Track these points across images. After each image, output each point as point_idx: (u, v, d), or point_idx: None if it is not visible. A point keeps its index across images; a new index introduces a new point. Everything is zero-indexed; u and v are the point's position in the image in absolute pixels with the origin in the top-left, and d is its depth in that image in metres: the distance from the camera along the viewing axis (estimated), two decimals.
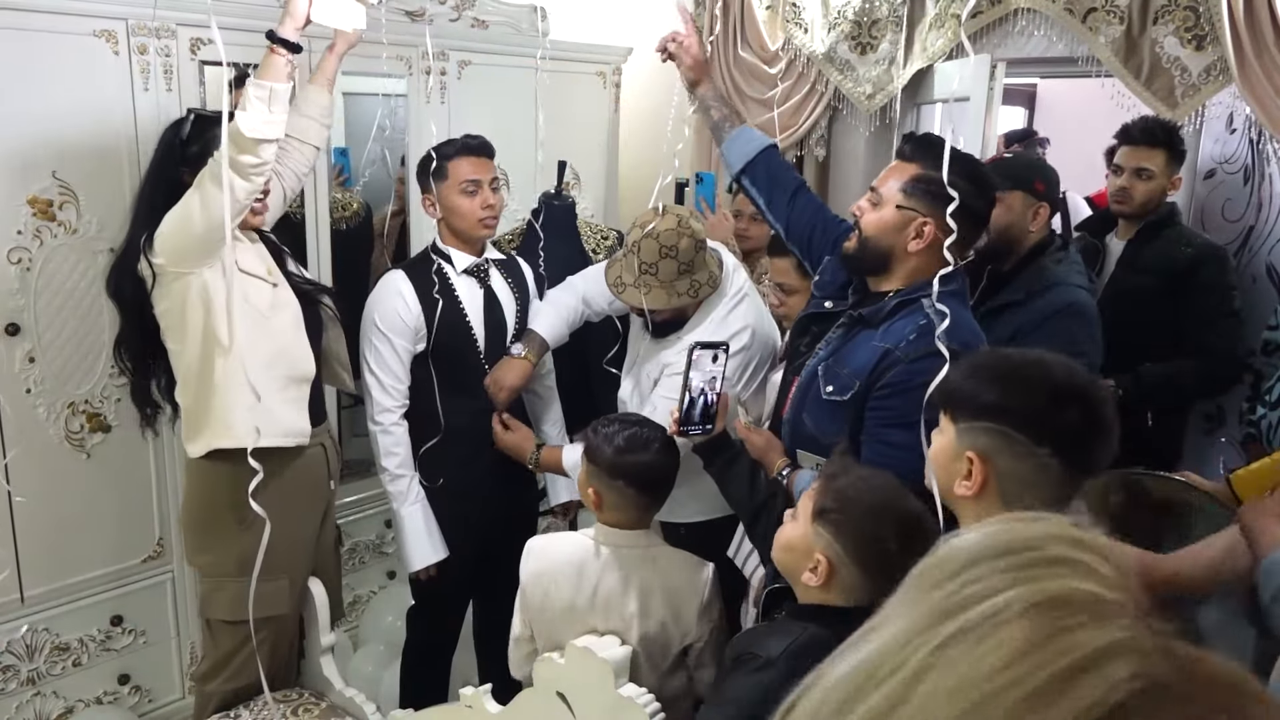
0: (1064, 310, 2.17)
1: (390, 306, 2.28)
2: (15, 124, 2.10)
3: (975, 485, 1.24)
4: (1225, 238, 2.84)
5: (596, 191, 3.42)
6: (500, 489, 2.40)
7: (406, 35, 2.72)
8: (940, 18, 2.91)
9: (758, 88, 3.43)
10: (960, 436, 1.27)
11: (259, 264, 1.99)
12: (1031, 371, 1.26)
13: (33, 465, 2.24)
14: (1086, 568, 0.48)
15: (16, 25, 2.07)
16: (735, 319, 2.14)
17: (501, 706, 1.71)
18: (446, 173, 2.27)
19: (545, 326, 2.40)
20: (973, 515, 1.28)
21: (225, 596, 2.01)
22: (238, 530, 1.97)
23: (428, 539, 2.34)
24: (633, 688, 1.53)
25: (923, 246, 1.67)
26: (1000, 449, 1.22)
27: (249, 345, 1.90)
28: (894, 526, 1.32)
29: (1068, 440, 1.21)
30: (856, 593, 1.34)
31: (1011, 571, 0.48)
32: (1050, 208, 2.26)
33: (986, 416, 1.24)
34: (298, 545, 2.09)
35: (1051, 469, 1.21)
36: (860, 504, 1.35)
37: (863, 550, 1.33)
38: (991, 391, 1.25)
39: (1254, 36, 2.32)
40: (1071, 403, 1.21)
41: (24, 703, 2.36)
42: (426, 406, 2.33)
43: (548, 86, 2.97)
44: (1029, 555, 0.48)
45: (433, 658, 2.55)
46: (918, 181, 1.67)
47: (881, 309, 1.70)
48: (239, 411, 1.91)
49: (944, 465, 1.30)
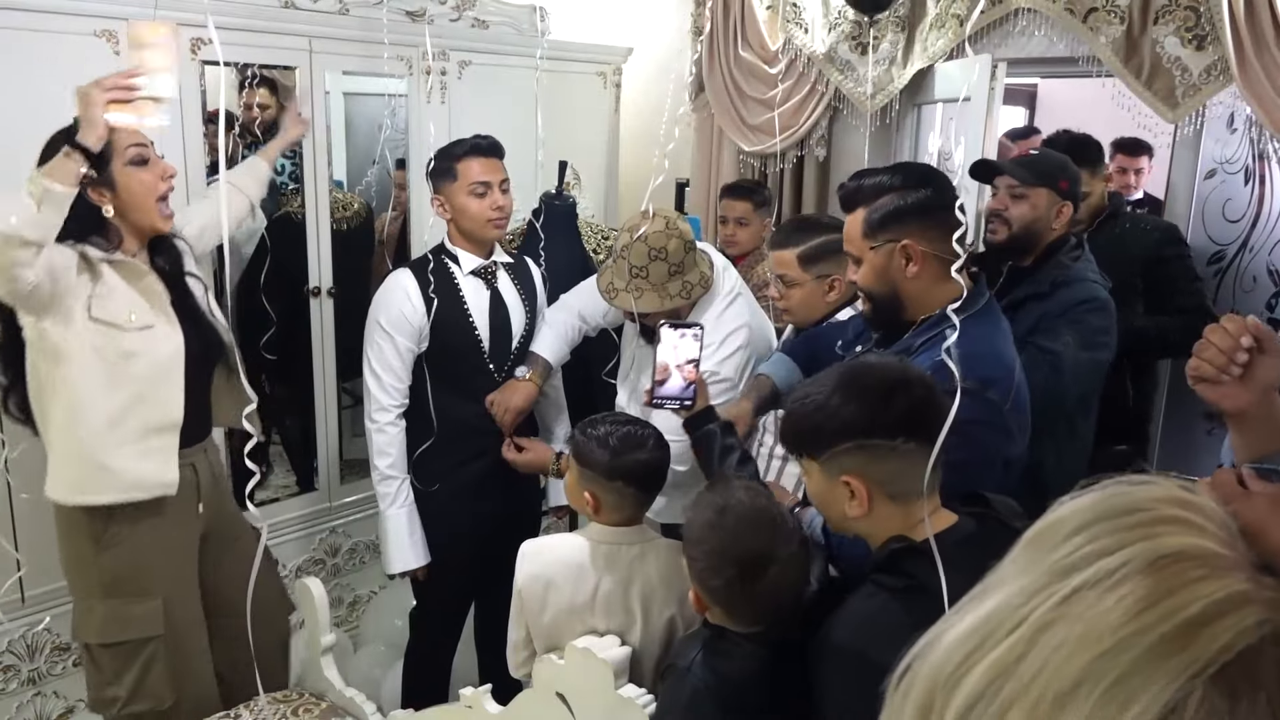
0: (1088, 302, 2.18)
1: (395, 305, 2.28)
2: (15, 124, 2.10)
3: (863, 501, 1.28)
4: (1225, 238, 2.84)
5: (597, 191, 3.42)
6: (502, 489, 2.40)
7: (407, 35, 2.72)
8: (941, 18, 2.91)
9: (758, 88, 3.43)
10: (827, 468, 1.32)
11: (119, 307, 1.82)
12: (850, 383, 1.31)
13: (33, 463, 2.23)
14: (1199, 526, 0.50)
15: (16, 25, 2.07)
16: (731, 317, 2.15)
17: (501, 707, 1.70)
18: (456, 173, 2.27)
19: (546, 348, 2.42)
20: (869, 526, 1.33)
21: (94, 619, 1.93)
22: (95, 553, 1.90)
23: (409, 543, 2.34)
24: (633, 688, 1.53)
25: (919, 268, 1.61)
26: (866, 460, 1.28)
27: (87, 402, 1.79)
28: (734, 570, 1.38)
29: (914, 423, 1.26)
30: (727, 620, 1.43)
31: (1130, 530, 0.50)
32: (1073, 206, 2.28)
33: (838, 440, 1.29)
34: (171, 565, 1.98)
35: (918, 453, 1.26)
36: (704, 547, 1.42)
37: (709, 594, 1.42)
38: (830, 418, 1.30)
39: (1254, 36, 2.32)
40: (898, 390, 1.28)
41: (25, 703, 2.36)
42: (428, 407, 2.32)
43: (548, 86, 2.97)
44: (1144, 515, 0.51)
45: (435, 658, 2.55)
46: (870, 215, 1.64)
47: (908, 345, 1.64)
48: (72, 465, 1.83)
49: (827, 501, 1.35)
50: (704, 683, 1.37)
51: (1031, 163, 2.31)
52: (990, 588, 0.54)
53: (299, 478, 3.09)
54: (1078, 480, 0.57)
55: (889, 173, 1.67)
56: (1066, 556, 0.50)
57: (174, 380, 1.90)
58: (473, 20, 2.96)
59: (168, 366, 1.89)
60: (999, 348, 1.61)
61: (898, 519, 1.29)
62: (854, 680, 1.22)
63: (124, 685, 1.94)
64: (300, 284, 2.73)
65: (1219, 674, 0.43)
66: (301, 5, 2.55)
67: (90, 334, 1.79)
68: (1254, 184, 2.82)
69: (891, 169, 1.69)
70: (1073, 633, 0.47)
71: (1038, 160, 2.33)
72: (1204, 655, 0.44)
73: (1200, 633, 0.44)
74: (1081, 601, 0.48)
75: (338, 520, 2.95)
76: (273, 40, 2.51)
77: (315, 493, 2.92)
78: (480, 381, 2.36)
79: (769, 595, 1.39)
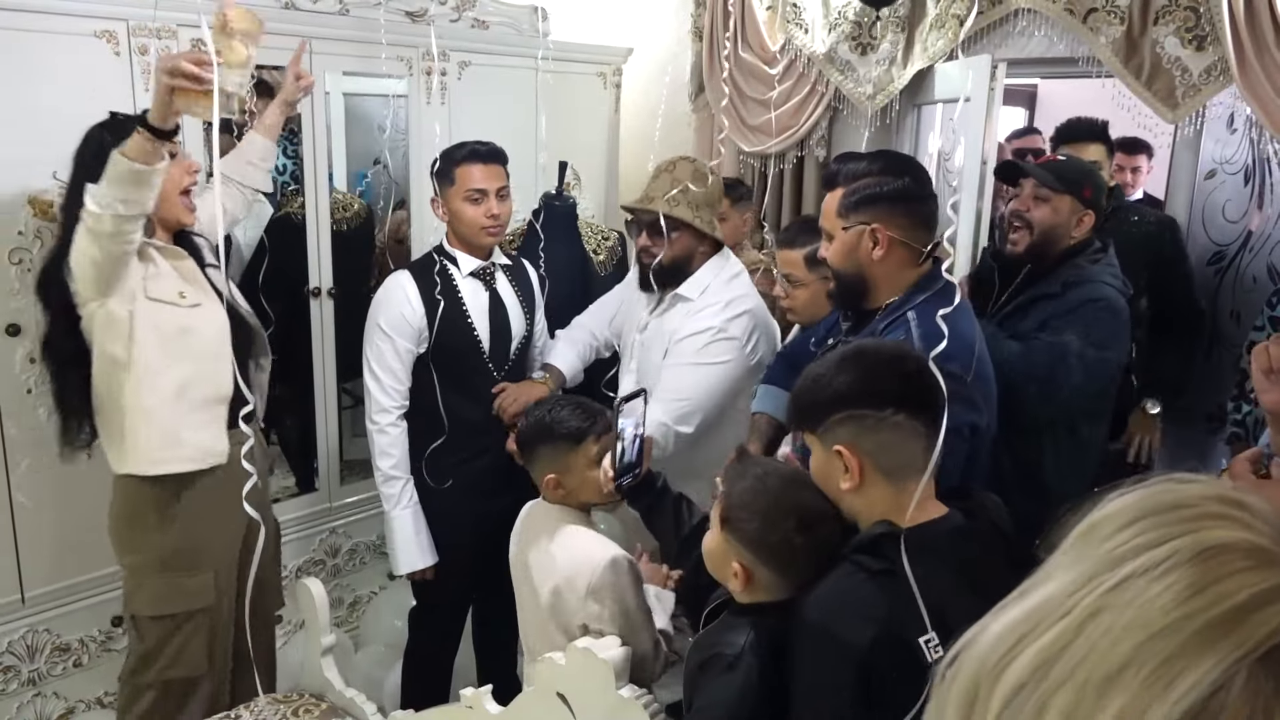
0: (1095, 302, 2.16)
1: (394, 307, 2.28)
2: (15, 124, 2.10)
3: (855, 473, 1.31)
4: (1225, 238, 2.84)
5: (597, 192, 3.42)
6: (501, 490, 2.40)
7: (407, 35, 2.72)
8: (940, 18, 2.90)
9: (758, 88, 3.43)
10: (823, 440, 1.35)
11: (170, 287, 1.96)
12: (849, 358, 1.37)
13: (33, 466, 2.24)
14: (1244, 522, 0.51)
15: (16, 25, 2.07)
16: (738, 285, 2.28)
17: (501, 707, 1.70)
18: (454, 178, 2.27)
19: (561, 360, 2.51)
20: (862, 503, 1.34)
21: (147, 593, 2.04)
22: (158, 527, 2.01)
23: (416, 544, 2.35)
24: (633, 688, 1.52)
25: (884, 253, 1.71)
26: (859, 431, 1.31)
27: (156, 373, 1.91)
28: (792, 521, 1.36)
29: (904, 395, 1.31)
30: (777, 589, 1.39)
31: (1177, 524, 0.51)
32: (1095, 215, 2.27)
33: (833, 410, 1.33)
34: (221, 540, 2.09)
35: (908, 426, 1.30)
36: (755, 508, 1.39)
37: (767, 553, 1.37)
38: (824, 390, 1.34)
39: (1254, 36, 2.32)
40: (891, 363, 1.34)
41: (25, 703, 2.36)
42: (429, 408, 2.33)
43: (548, 87, 2.97)
44: (1190, 510, 0.52)
45: (435, 658, 2.55)
46: (846, 197, 1.74)
47: (873, 329, 1.73)
48: (145, 438, 1.94)
49: (824, 475, 1.37)
50: (757, 671, 1.34)
51: (1057, 168, 2.30)
52: (1039, 581, 0.54)
53: (299, 478, 3.09)
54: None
55: (871, 158, 1.78)
56: (1116, 548, 0.52)
57: (224, 355, 2.01)
58: (473, 20, 2.96)
59: (218, 342, 2.01)
60: (957, 324, 1.66)
61: (889, 498, 1.31)
62: (822, 656, 1.25)
63: (165, 654, 2.05)
64: (300, 284, 2.73)
65: (1265, 657, 0.44)
66: (301, 5, 2.55)
67: (149, 312, 1.90)
68: (1254, 184, 2.81)
69: (874, 155, 1.77)
70: (1120, 619, 0.48)
71: (1064, 166, 2.32)
72: (1252, 639, 0.45)
73: (1248, 618, 0.46)
74: (1130, 589, 0.49)
75: (338, 521, 2.95)
76: (273, 40, 2.49)
77: (315, 493, 2.92)
78: (480, 381, 2.36)
79: (822, 548, 1.38)
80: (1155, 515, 0.52)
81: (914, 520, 1.29)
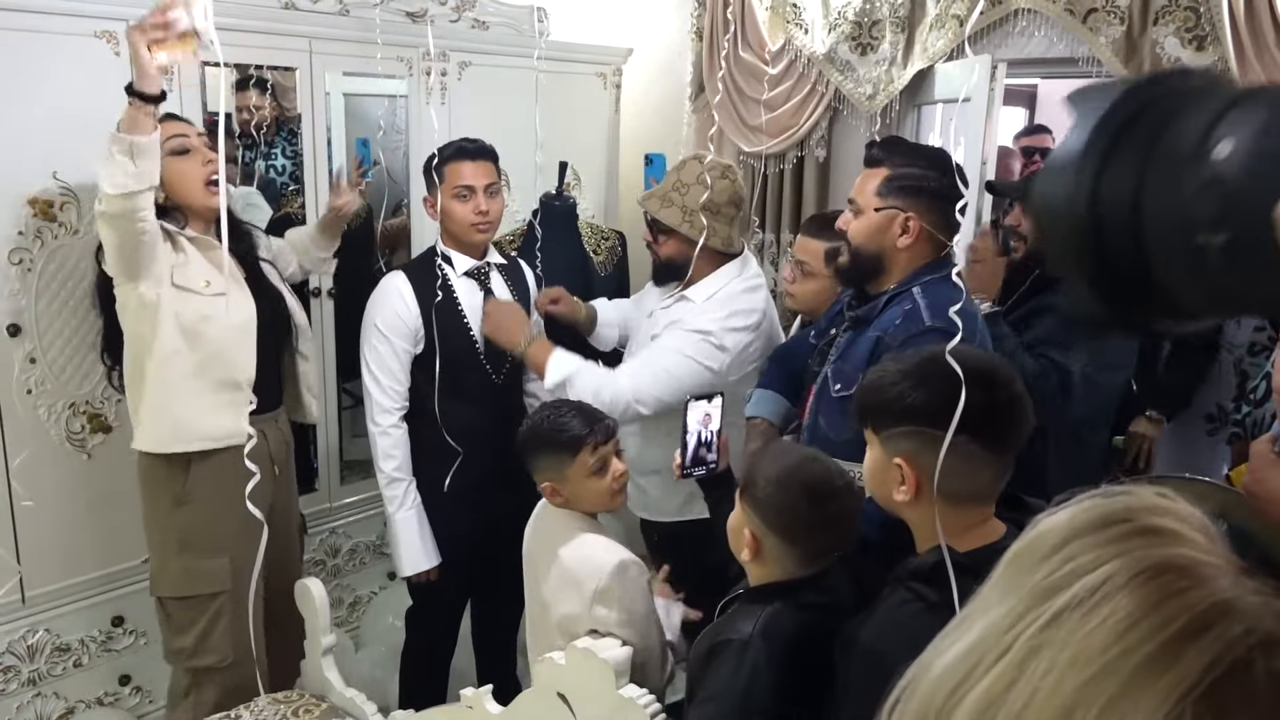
0: None
1: (390, 307, 2.28)
2: (16, 124, 2.10)
3: (911, 489, 1.28)
4: None
5: (597, 192, 3.42)
6: (498, 491, 2.40)
7: (406, 35, 2.72)
8: (940, 18, 2.90)
9: (758, 88, 3.43)
10: (884, 446, 1.31)
11: (197, 275, 2.02)
12: (930, 368, 1.27)
13: (34, 466, 2.23)
14: (1179, 535, 0.49)
15: (16, 25, 2.07)
16: (750, 299, 2.23)
17: (502, 707, 1.70)
18: (443, 176, 2.27)
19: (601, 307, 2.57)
20: (917, 517, 1.31)
21: (168, 574, 2.11)
22: (174, 510, 2.09)
23: (420, 545, 2.34)
24: (633, 688, 1.52)
25: (911, 241, 1.74)
26: (922, 448, 1.25)
27: (173, 354, 2.00)
28: (800, 489, 1.39)
29: (979, 423, 1.22)
30: (784, 561, 1.41)
31: (1109, 545, 0.49)
32: None
33: (902, 421, 1.28)
34: (235, 525, 2.07)
35: (974, 454, 1.24)
36: (768, 475, 1.42)
37: (775, 518, 1.40)
38: (899, 396, 1.29)
39: (1254, 37, 2.32)
40: (974, 387, 1.20)
41: (25, 703, 2.35)
42: (425, 409, 2.32)
43: (548, 87, 2.97)
44: (1122, 528, 0.50)
45: (432, 658, 2.55)
46: (890, 180, 1.75)
47: (876, 306, 1.77)
48: (160, 417, 2.03)
49: (878, 477, 1.34)
50: (765, 655, 1.33)
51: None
52: (975, 612, 0.53)
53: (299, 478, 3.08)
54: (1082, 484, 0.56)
55: (918, 150, 1.80)
56: (1047, 577, 0.50)
57: (246, 344, 2.08)
58: (472, 21, 2.96)
59: (241, 330, 2.08)
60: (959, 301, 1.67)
61: (945, 516, 1.25)
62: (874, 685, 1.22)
63: (191, 637, 2.13)
64: (300, 284, 2.73)
65: (1207, 693, 0.43)
66: (301, 6, 2.55)
67: (173, 298, 1.98)
68: None
69: (921, 147, 1.77)
70: (1060, 658, 0.46)
71: None
72: (1191, 673, 0.43)
73: (1186, 650, 0.44)
74: (1066, 624, 0.47)
75: (338, 521, 2.95)
76: (273, 41, 2.51)
77: (315, 493, 2.92)
78: (476, 381, 2.36)
79: (832, 525, 1.40)
80: (1085, 536, 0.50)
81: (971, 545, 1.24)
